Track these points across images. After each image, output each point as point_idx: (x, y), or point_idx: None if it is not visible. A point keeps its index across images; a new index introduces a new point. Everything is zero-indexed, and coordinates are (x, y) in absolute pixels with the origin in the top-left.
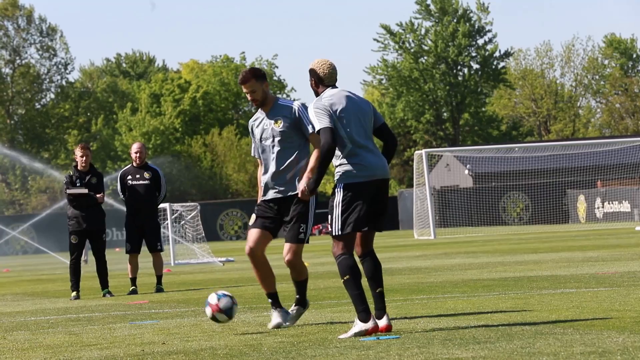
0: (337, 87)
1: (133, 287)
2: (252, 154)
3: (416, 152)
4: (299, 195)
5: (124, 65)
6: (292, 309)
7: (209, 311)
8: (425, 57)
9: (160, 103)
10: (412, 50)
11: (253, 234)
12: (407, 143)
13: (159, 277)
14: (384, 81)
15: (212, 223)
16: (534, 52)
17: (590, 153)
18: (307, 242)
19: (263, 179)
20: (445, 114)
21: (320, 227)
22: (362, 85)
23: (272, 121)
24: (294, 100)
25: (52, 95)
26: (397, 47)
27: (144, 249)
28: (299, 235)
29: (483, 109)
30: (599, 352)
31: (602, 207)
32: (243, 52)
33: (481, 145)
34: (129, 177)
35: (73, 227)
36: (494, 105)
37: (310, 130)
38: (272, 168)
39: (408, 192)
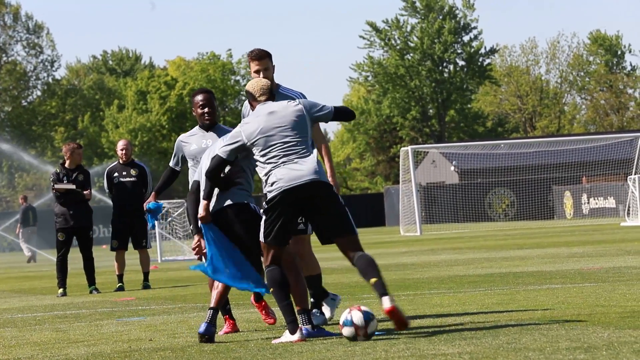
0: (267, 101)
1: (120, 284)
2: None
3: (402, 148)
4: None
5: (110, 62)
6: (315, 312)
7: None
8: (411, 54)
9: (146, 100)
10: (398, 47)
11: None
12: (393, 140)
13: (146, 274)
14: (370, 78)
15: None
16: (519, 49)
17: (576, 149)
18: (310, 232)
19: None
20: (431, 110)
21: None
22: (348, 82)
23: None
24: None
25: (39, 93)
26: (383, 44)
27: (130, 245)
28: (297, 227)
29: (469, 106)
30: (584, 348)
31: (588, 203)
32: (230, 49)
33: (467, 141)
34: (116, 174)
35: (60, 224)
36: (479, 102)
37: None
38: None
39: (394, 189)
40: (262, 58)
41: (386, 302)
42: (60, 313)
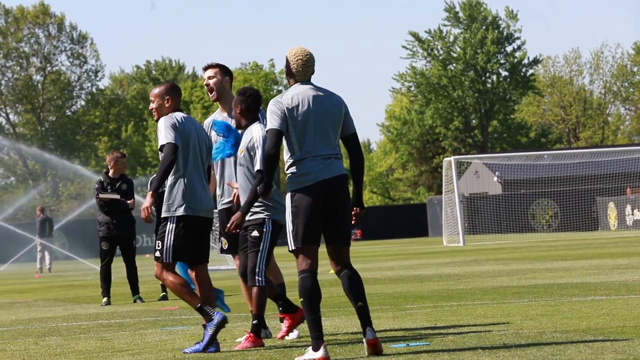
0: (308, 84)
1: (164, 293)
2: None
3: (445, 159)
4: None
5: (153, 72)
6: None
7: None
8: (454, 64)
9: (189, 110)
10: (440, 57)
11: None
12: (436, 150)
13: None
14: (412, 88)
15: None
16: (563, 60)
17: (620, 160)
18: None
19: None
20: (474, 121)
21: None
22: (390, 92)
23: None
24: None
25: (83, 102)
26: (425, 54)
27: None
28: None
29: (512, 116)
30: None
31: (632, 214)
32: (272, 59)
33: (510, 152)
34: None
35: (103, 233)
36: (522, 112)
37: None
38: (226, 177)
39: (437, 199)
40: (208, 67)
41: (370, 334)
42: (105, 322)
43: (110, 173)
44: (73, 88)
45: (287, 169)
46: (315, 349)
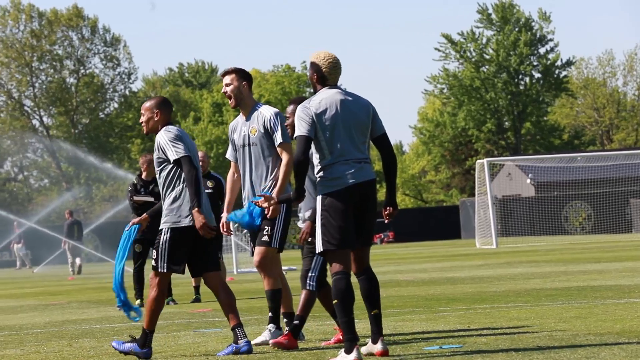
0: (335, 88)
1: (196, 296)
2: (227, 156)
3: (478, 161)
4: (266, 212)
5: (186, 74)
6: (271, 327)
7: None
8: (487, 66)
9: (222, 112)
10: (473, 59)
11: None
12: (469, 152)
13: None
14: (445, 90)
15: None
16: (596, 61)
17: None
18: (276, 246)
19: (242, 186)
20: (506, 123)
21: (382, 236)
22: (423, 94)
23: (249, 128)
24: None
25: (116, 105)
26: (458, 56)
27: None
28: (262, 238)
29: (545, 118)
30: None
31: None
32: (304, 62)
33: (543, 154)
34: None
35: (137, 235)
36: (555, 114)
37: (279, 140)
38: (247, 176)
39: (470, 201)
40: (226, 73)
41: (380, 346)
42: (138, 324)
43: (143, 175)
44: (106, 90)
45: (317, 173)
46: (349, 352)
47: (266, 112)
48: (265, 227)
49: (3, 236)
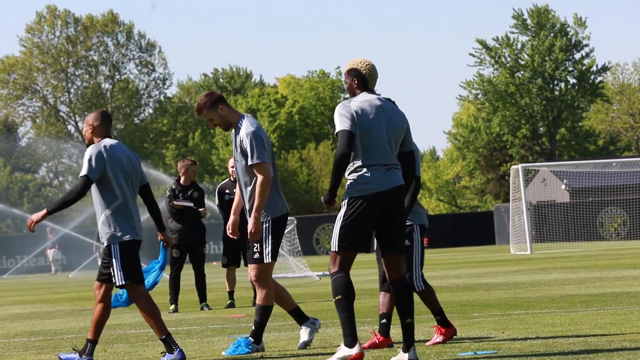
0: (374, 93)
1: (231, 301)
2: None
3: (512, 166)
4: (249, 234)
5: (221, 80)
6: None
7: None
8: (522, 72)
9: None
10: (508, 64)
11: None
12: (503, 158)
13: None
14: (479, 96)
15: (308, 237)
16: (632, 67)
17: None
18: (268, 261)
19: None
20: (541, 128)
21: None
22: (458, 99)
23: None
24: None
25: (151, 110)
26: (493, 61)
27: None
28: (253, 256)
29: (580, 124)
30: None
31: None
32: (339, 67)
33: (578, 160)
34: (227, 191)
35: (175, 240)
36: (591, 120)
37: (252, 161)
38: (239, 189)
39: (504, 207)
40: (199, 113)
41: (413, 354)
42: (172, 329)
43: (182, 180)
44: (141, 96)
45: (348, 175)
46: (351, 346)
47: (242, 132)
48: (255, 244)
49: (38, 242)
